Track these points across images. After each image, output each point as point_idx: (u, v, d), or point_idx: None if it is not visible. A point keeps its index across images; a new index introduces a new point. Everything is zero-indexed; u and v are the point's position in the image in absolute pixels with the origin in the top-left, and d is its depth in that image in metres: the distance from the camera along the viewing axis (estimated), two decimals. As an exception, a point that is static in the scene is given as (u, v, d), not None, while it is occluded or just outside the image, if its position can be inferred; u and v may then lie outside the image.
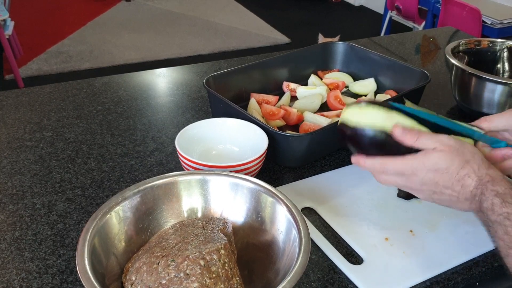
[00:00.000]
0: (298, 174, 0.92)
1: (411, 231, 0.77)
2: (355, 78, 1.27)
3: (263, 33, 4.43)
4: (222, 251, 0.59)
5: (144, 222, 0.68)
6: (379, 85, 1.22)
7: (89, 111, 1.13)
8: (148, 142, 1.01)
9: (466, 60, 1.19)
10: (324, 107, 1.15)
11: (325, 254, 0.73)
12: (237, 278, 0.60)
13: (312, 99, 1.13)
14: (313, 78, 1.24)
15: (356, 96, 1.19)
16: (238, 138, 0.92)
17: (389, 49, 1.57)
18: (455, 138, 0.64)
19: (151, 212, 0.69)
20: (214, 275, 0.56)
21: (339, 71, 1.30)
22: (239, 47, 4.10)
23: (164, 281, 0.56)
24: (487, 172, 0.61)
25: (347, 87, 1.24)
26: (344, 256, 0.72)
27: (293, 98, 1.17)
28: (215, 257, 0.58)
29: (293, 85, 1.20)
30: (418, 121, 0.67)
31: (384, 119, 0.65)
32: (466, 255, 0.74)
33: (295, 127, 1.05)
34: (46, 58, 3.69)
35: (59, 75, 3.45)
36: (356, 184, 0.88)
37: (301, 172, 0.93)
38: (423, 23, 3.57)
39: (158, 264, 0.58)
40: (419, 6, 3.57)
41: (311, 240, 0.66)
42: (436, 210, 0.80)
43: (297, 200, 0.83)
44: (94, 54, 3.81)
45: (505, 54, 1.20)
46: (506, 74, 1.21)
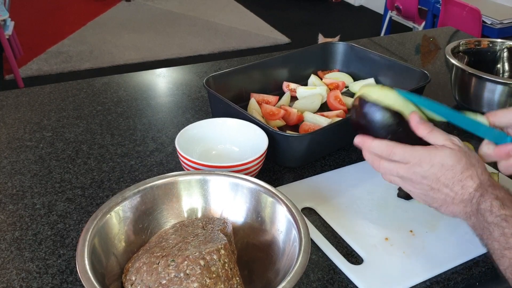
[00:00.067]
0: (298, 174, 0.92)
1: (411, 231, 0.77)
2: (355, 78, 1.27)
3: (263, 33, 4.43)
4: (222, 251, 0.59)
5: (144, 222, 0.68)
6: (379, 85, 1.22)
7: (89, 111, 1.13)
8: (148, 142, 1.01)
9: (466, 60, 1.19)
10: (324, 107, 1.15)
11: (325, 254, 0.73)
12: (237, 278, 0.60)
13: (312, 99, 1.13)
14: (313, 78, 1.24)
15: (356, 96, 1.19)
16: (238, 138, 0.92)
17: (389, 49, 1.57)
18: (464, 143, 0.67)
19: (151, 212, 0.69)
20: (214, 275, 0.57)
21: (339, 71, 1.30)
22: (239, 47, 4.10)
23: (164, 281, 0.56)
24: (489, 178, 0.63)
25: (347, 87, 1.24)
26: (344, 256, 0.72)
27: (293, 98, 1.17)
28: (215, 257, 0.58)
29: (293, 85, 1.20)
30: (429, 119, 0.68)
31: (402, 104, 0.67)
32: (466, 255, 0.74)
33: (295, 127, 1.05)
34: (46, 58, 3.69)
35: (59, 75, 3.45)
36: (356, 184, 0.88)
37: (301, 172, 0.93)
38: (423, 23, 3.57)
39: (158, 264, 0.58)
40: (419, 6, 3.57)
41: (311, 240, 0.66)
42: (436, 210, 0.80)
43: (297, 200, 0.82)
44: (94, 54, 3.81)
45: (505, 54, 1.20)
46: (506, 74, 1.21)
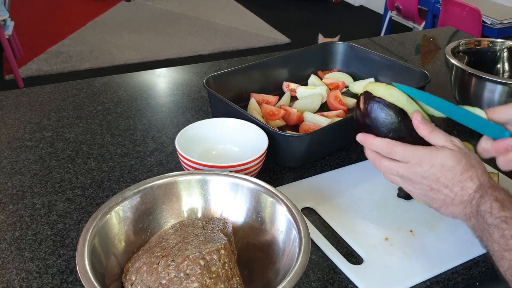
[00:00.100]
0: (298, 174, 0.92)
1: (411, 231, 0.77)
2: (355, 78, 1.27)
3: (263, 33, 4.43)
4: (222, 251, 0.59)
5: (144, 222, 0.68)
6: (379, 85, 1.22)
7: (89, 111, 1.13)
8: (148, 142, 1.01)
9: (466, 60, 1.19)
10: (324, 107, 1.15)
11: (325, 254, 0.73)
12: (237, 278, 0.60)
13: (312, 99, 1.13)
14: (313, 78, 1.24)
15: (356, 96, 1.19)
16: (238, 138, 0.92)
17: (389, 49, 1.57)
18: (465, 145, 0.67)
19: (151, 212, 0.69)
20: (214, 275, 0.57)
21: (339, 71, 1.30)
22: (239, 47, 4.10)
23: (164, 281, 0.56)
24: (489, 179, 0.63)
25: (347, 87, 1.24)
26: (344, 256, 0.72)
27: (293, 98, 1.17)
28: (215, 257, 0.58)
29: (293, 85, 1.20)
30: (432, 121, 0.68)
31: (406, 103, 0.68)
32: (466, 255, 0.74)
33: (295, 127, 1.05)
34: (46, 58, 3.69)
35: (59, 75, 3.45)
36: (356, 184, 0.88)
37: (301, 172, 0.93)
38: (423, 23, 3.57)
39: (158, 264, 0.58)
40: (419, 6, 3.57)
41: (311, 240, 0.66)
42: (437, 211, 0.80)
43: (297, 200, 0.82)
44: (94, 54, 3.81)
45: (505, 54, 1.20)
46: (506, 74, 1.21)
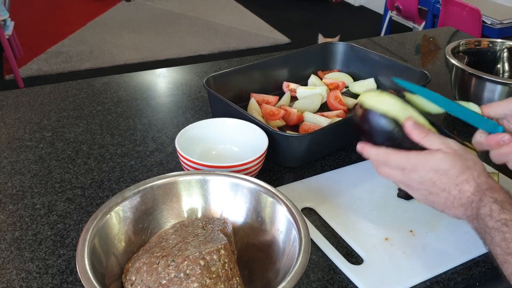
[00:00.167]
0: (298, 174, 0.92)
1: (411, 231, 0.77)
2: (355, 78, 1.27)
3: (263, 33, 4.43)
4: (222, 251, 0.59)
5: (144, 222, 0.68)
6: (379, 85, 1.22)
7: (89, 111, 1.13)
8: (148, 142, 1.01)
9: (466, 60, 1.19)
10: (324, 107, 1.15)
11: (325, 254, 0.73)
12: (237, 278, 0.60)
13: (312, 99, 1.13)
14: (313, 78, 1.24)
15: (356, 96, 1.19)
16: (238, 138, 0.92)
17: (389, 49, 1.57)
18: (461, 145, 0.65)
19: (151, 212, 0.69)
20: (214, 275, 0.57)
21: (339, 71, 1.30)
22: (239, 47, 4.10)
23: (164, 281, 0.56)
24: (486, 181, 0.62)
25: (347, 87, 1.24)
26: (344, 256, 0.72)
27: (293, 98, 1.17)
28: (215, 257, 0.58)
29: (293, 85, 1.20)
30: (430, 123, 0.68)
31: (399, 110, 0.67)
32: (466, 255, 0.74)
33: (295, 127, 1.05)
34: (46, 58, 3.69)
35: (59, 75, 3.45)
36: (356, 184, 0.88)
37: (301, 172, 0.93)
38: (423, 23, 3.57)
39: (158, 264, 0.58)
40: (419, 6, 3.57)
41: (311, 240, 0.66)
42: (436, 210, 0.80)
43: (297, 200, 0.82)
44: (94, 54, 3.81)
45: (505, 54, 1.20)
46: (506, 74, 1.21)
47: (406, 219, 0.80)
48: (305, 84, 1.23)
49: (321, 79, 1.25)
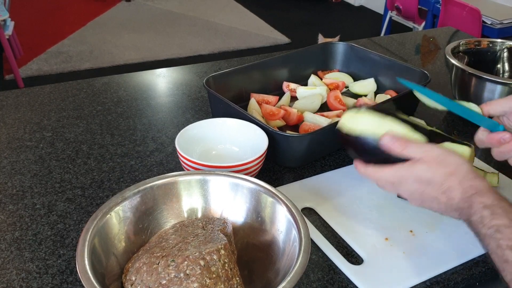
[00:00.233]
0: (298, 174, 0.92)
1: (411, 231, 0.77)
2: (355, 78, 1.27)
3: (263, 33, 4.43)
4: (222, 251, 0.59)
5: (144, 222, 0.68)
6: (379, 85, 1.22)
7: (89, 111, 1.13)
8: (148, 142, 1.01)
9: (466, 60, 1.19)
10: (324, 107, 1.15)
11: (325, 254, 0.73)
12: (237, 278, 0.60)
13: (312, 99, 1.13)
14: (313, 78, 1.24)
15: (356, 96, 1.19)
16: (238, 138, 0.92)
17: (389, 49, 1.57)
18: (444, 148, 0.65)
19: (151, 212, 0.69)
20: (214, 275, 0.57)
21: (339, 71, 1.30)
22: (239, 47, 4.10)
23: (164, 281, 0.56)
24: (472, 184, 0.60)
25: (347, 87, 1.24)
26: (344, 256, 0.72)
27: (293, 98, 1.17)
28: (215, 257, 0.58)
29: (293, 85, 1.20)
30: (414, 127, 0.67)
31: (376, 126, 0.67)
32: (466, 255, 0.74)
33: (295, 127, 1.06)
34: (46, 58, 3.69)
35: (59, 75, 3.45)
36: (356, 184, 0.88)
37: (301, 172, 0.93)
38: (423, 23, 3.57)
39: (158, 264, 0.58)
40: (419, 6, 3.57)
41: (311, 240, 0.66)
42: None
43: (297, 200, 0.82)
44: (94, 54, 3.81)
45: (505, 54, 1.20)
46: (506, 74, 1.21)
47: (406, 219, 0.80)
48: (305, 84, 1.23)
49: (321, 79, 1.25)
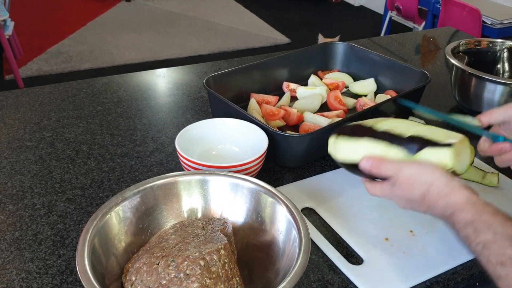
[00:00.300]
0: (298, 174, 0.92)
1: (411, 231, 0.77)
2: (355, 78, 1.27)
3: (263, 34, 4.42)
4: (222, 252, 0.59)
5: (144, 222, 0.68)
6: (379, 85, 1.22)
7: (89, 112, 1.13)
8: (148, 143, 1.01)
9: (466, 61, 1.19)
10: (324, 108, 1.15)
11: (325, 254, 0.73)
12: (237, 279, 0.60)
13: (312, 100, 1.13)
14: (313, 78, 1.24)
15: (356, 96, 1.19)
16: (238, 138, 0.92)
17: (389, 49, 1.57)
18: (418, 162, 0.65)
19: (151, 213, 0.69)
20: (214, 276, 0.57)
21: (339, 71, 1.30)
22: (239, 47, 4.10)
23: (164, 281, 0.56)
24: (448, 202, 0.60)
25: (347, 87, 1.24)
26: (344, 257, 0.72)
27: (293, 99, 1.17)
28: (215, 258, 0.58)
29: (293, 85, 1.20)
30: (390, 141, 0.68)
31: (354, 153, 0.70)
32: (466, 255, 0.73)
33: (295, 127, 1.05)
34: (46, 58, 3.69)
35: (59, 75, 3.45)
36: (356, 184, 0.88)
37: (301, 172, 0.93)
38: (423, 23, 3.57)
39: (158, 265, 0.58)
40: (419, 6, 3.57)
41: (311, 241, 0.66)
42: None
43: (297, 200, 0.83)
44: (94, 54, 3.81)
45: (505, 54, 1.20)
46: (506, 74, 1.21)
47: (406, 219, 0.80)
48: (305, 84, 1.23)
49: (321, 79, 1.25)
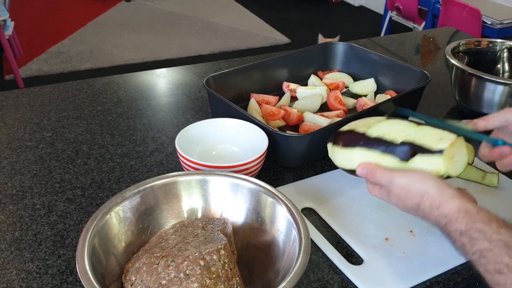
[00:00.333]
0: (298, 174, 0.92)
1: (411, 231, 0.77)
2: (355, 79, 1.27)
3: (263, 34, 4.42)
4: (222, 252, 0.59)
5: (144, 223, 0.68)
6: (379, 86, 1.22)
7: (89, 112, 1.13)
8: (148, 143, 1.01)
9: (466, 61, 1.19)
10: (324, 108, 1.15)
11: (325, 255, 0.73)
12: (237, 279, 0.60)
13: (312, 100, 1.13)
14: (313, 79, 1.24)
15: (356, 96, 1.19)
16: (238, 138, 0.92)
17: (389, 50, 1.57)
18: (409, 172, 0.65)
19: (151, 213, 0.69)
20: (214, 276, 0.57)
21: (339, 72, 1.30)
22: (239, 48, 4.10)
23: (164, 282, 0.56)
24: (441, 213, 0.60)
25: (347, 88, 1.24)
26: (344, 257, 0.72)
27: (293, 99, 1.17)
28: (215, 258, 0.58)
29: (293, 86, 1.20)
30: (383, 150, 0.68)
31: (349, 160, 0.72)
32: (466, 255, 0.74)
33: (295, 128, 1.05)
34: (46, 59, 3.69)
35: (59, 76, 3.45)
36: (356, 184, 0.88)
37: (301, 172, 0.93)
38: (423, 23, 3.57)
39: (158, 265, 0.58)
40: (419, 7, 3.57)
41: (311, 241, 0.66)
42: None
43: (297, 200, 0.83)
44: (94, 55, 3.81)
45: (505, 55, 1.20)
46: (506, 75, 1.21)
47: (406, 219, 0.80)
48: (305, 84, 1.23)
49: (321, 79, 1.25)
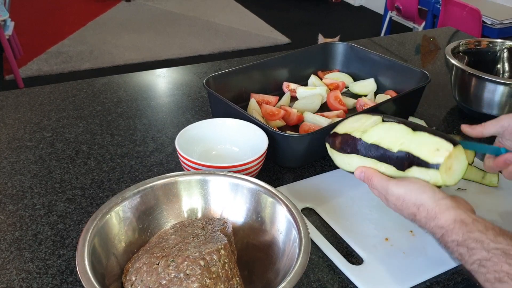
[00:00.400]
0: (298, 174, 0.92)
1: (411, 231, 0.77)
2: (355, 79, 1.27)
3: (263, 34, 4.43)
4: (222, 252, 0.59)
5: (144, 223, 0.68)
6: (379, 86, 1.22)
7: (89, 112, 1.13)
8: (148, 143, 1.01)
9: (466, 61, 1.19)
10: (324, 108, 1.15)
11: (325, 255, 0.73)
12: (237, 279, 0.60)
13: (312, 100, 1.13)
14: (313, 79, 1.24)
15: (356, 96, 1.19)
16: (238, 139, 0.92)
17: (389, 50, 1.57)
18: (406, 181, 0.64)
19: (151, 213, 0.69)
20: (214, 276, 0.57)
21: (339, 72, 1.30)
22: (239, 48, 4.10)
23: (164, 282, 0.56)
24: (436, 224, 0.60)
25: (347, 88, 1.24)
26: (344, 257, 0.72)
27: (293, 99, 1.17)
28: (215, 258, 0.58)
29: (293, 86, 1.20)
30: (378, 159, 0.68)
31: (347, 164, 0.72)
32: (466, 255, 0.74)
33: (295, 128, 1.05)
34: (46, 59, 3.69)
35: (59, 76, 3.45)
36: (356, 184, 0.88)
37: (301, 172, 0.93)
38: (423, 24, 3.57)
39: (158, 265, 0.58)
40: (419, 7, 3.57)
41: (311, 241, 0.66)
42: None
43: (297, 200, 0.83)
44: (94, 55, 3.81)
45: (505, 55, 1.20)
46: (506, 75, 1.21)
47: (406, 219, 0.80)
48: (305, 84, 1.23)
49: (321, 79, 1.25)
